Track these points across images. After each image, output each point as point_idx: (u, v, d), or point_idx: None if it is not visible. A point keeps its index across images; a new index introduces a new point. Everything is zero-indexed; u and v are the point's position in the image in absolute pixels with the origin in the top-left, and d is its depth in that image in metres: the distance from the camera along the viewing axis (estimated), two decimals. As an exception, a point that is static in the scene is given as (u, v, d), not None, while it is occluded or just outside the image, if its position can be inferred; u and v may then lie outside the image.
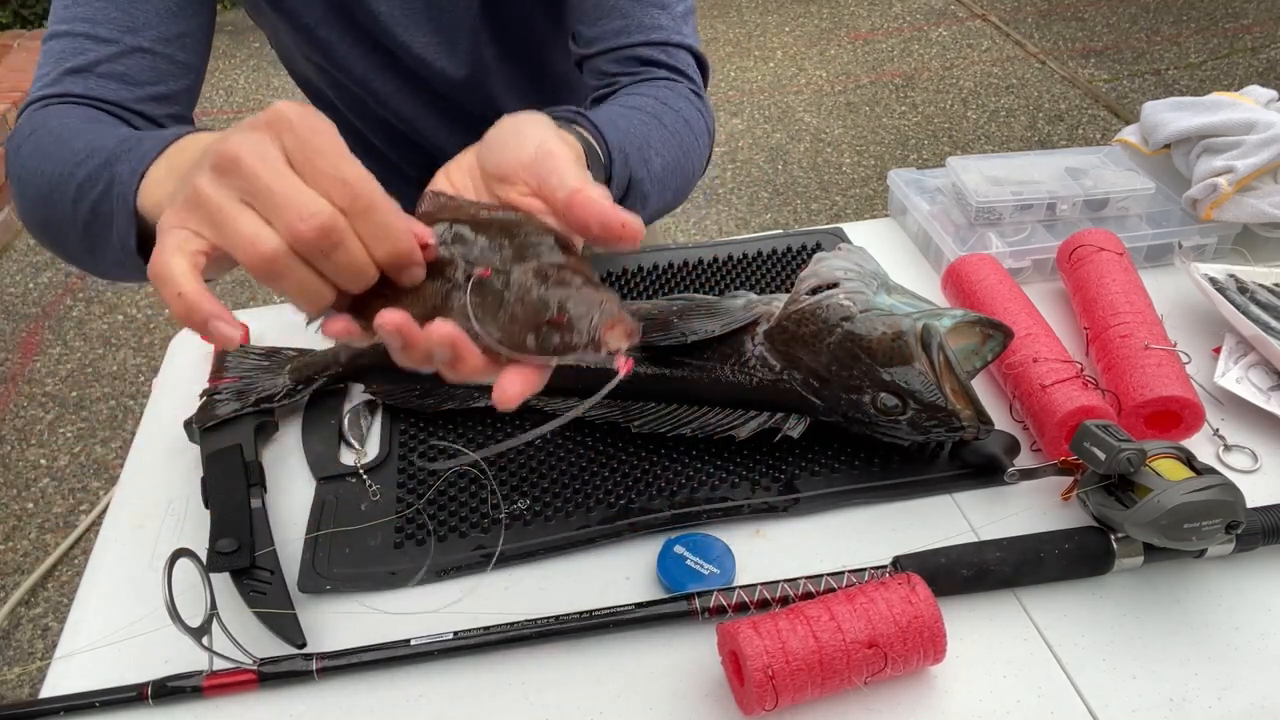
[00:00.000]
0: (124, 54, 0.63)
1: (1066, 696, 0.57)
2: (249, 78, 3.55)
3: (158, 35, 0.65)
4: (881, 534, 0.67)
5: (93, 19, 0.63)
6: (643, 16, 0.75)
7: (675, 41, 0.76)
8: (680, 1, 0.77)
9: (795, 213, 2.76)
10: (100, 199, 0.50)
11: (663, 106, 0.70)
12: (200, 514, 0.70)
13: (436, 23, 0.80)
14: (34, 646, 1.68)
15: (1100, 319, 0.79)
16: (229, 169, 0.38)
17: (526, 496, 0.70)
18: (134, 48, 0.64)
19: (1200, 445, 0.73)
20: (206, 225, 0.38)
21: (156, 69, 0.65)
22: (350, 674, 0.59)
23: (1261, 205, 0.90)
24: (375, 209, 0.39)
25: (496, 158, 0.48)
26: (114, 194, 0.49)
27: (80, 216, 0.52)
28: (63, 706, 0.58)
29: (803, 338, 0.69)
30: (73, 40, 0.63)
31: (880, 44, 3.71)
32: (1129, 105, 3.17)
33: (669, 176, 0.68)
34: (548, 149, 0.46)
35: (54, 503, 1.95)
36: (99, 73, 0.63)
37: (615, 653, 0.60)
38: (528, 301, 0.40)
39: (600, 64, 0.76)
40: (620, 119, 0.64)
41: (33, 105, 0.63)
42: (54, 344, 2.38)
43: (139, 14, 0.64)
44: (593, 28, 0.76)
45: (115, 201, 0.49)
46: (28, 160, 0.58)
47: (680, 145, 0.69)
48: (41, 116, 0.61)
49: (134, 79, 0.64)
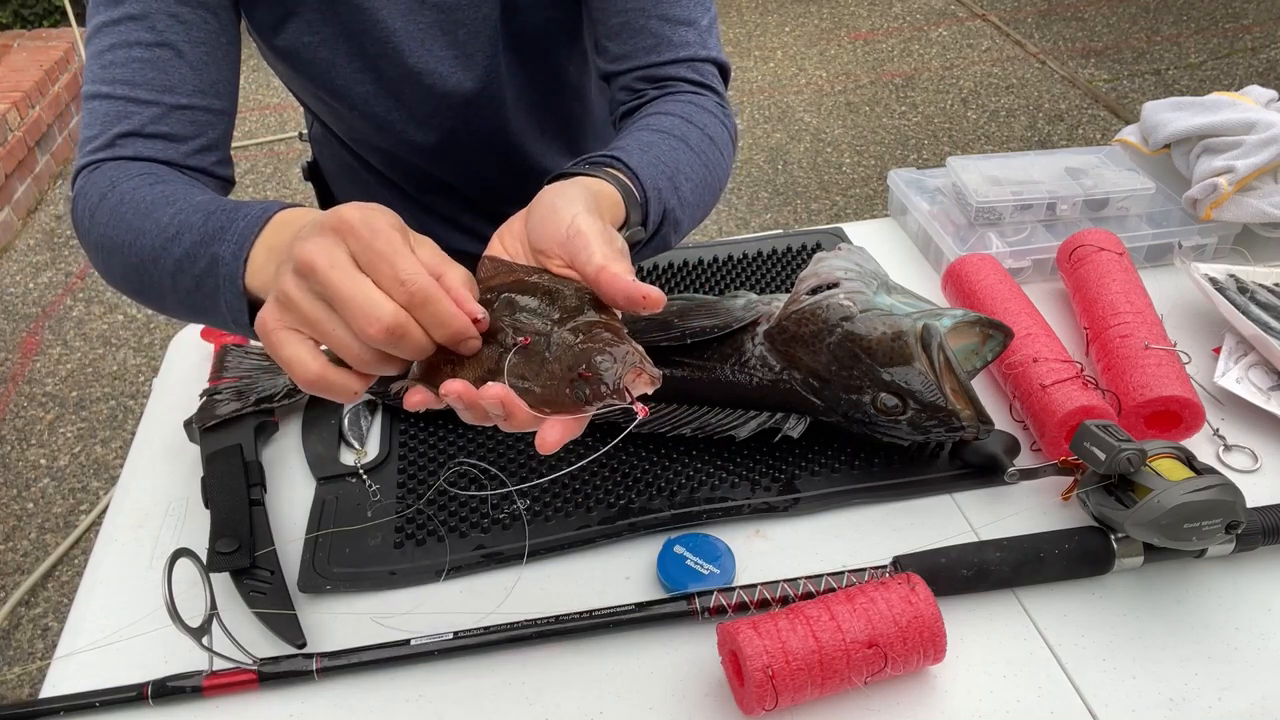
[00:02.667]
0: (165, 114, 0.67)
1: (1066, 696, 0.57)
2: (249, 78, 3.55)
3: (193, 89, 0.68)
4: (881, 534, 0.67)
5: (131, 81, 0.66)
6: (671, 35, 0.76)
7: (702, 57, 0.78)
8: (706, 14, 0.79)
9: (795, 213, 2.76)
10: (204, 275, 0.56)
11: (689, 126, 0.72)
12: (200, 514, 0.70)
13: (452, 37, 0.80)
14: (34, 646, 1.68)
15: (1100, 319, 0.79)
16: (306, 273, 0.45)
17: (526, 496, 0.70)
18: (173, 106, 0.67)
19: (1200, 445, 0.73)
20: (303, 325, 0.46)
21: (196, 122, 0.69)
22: (350, 674, 0.59)
23: (1261, 205, 0.90)
24: (431, 302, 0.45)
25: (536, 235, 0.54)
26: (220, 275, 0.55)
27: (182, 287, 0.58)
28: (63, 706, 0.58)
29: (803, 338, 0.69)
30: (114, 103, 0.66)
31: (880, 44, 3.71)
32: (1129, 105, 3.17)
33: (698, 198, 0.70)
34: (577, 228, 0.51)
35: (54, 503, 1.95)
36: (145, 134, 0.67)
37: (615, 653, 0.60)
38: (562, 360, 0.47)
39: (628, 81, 0.78)
40: (650, 148, 0.67)
41: (88, 168, 0.66)
42: (54, 344, 2.38)
43: (174, 72, 0.67)
44: (622, 45, 0.77)
45: (223, 282, 0.55)
46: (108, 229, 0.62)
47: (706, 164, 0.72)
48: (108, 179, 0.64)
49: (178, 136, 0.68)
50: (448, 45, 0.80)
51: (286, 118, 3.27)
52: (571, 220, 0.52)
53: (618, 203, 0.59)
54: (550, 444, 0.46)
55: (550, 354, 0.47)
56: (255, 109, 3.36)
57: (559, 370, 0.46)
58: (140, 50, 0.66)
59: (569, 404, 0.45)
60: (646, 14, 0.76)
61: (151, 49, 0.66)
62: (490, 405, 0.46)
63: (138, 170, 0.65)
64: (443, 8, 0.78)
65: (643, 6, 0.75)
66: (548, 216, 0.53)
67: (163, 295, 0.61)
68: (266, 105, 3.37)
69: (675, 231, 0.68)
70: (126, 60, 0.66)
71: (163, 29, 0.67)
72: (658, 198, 0.64)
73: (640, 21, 0.76)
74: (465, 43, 0.80)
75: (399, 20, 0.77)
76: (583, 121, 0.97)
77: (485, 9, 0.79)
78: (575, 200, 0.54)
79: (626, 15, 0.76)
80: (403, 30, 0.77)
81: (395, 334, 0.44)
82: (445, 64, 0.81)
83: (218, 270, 0.55)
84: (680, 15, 0.76)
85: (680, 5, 0.76)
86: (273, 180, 2.98)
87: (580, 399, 0.45)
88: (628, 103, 0.79)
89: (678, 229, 0.68)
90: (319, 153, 1.05)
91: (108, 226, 0.62)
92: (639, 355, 0.46)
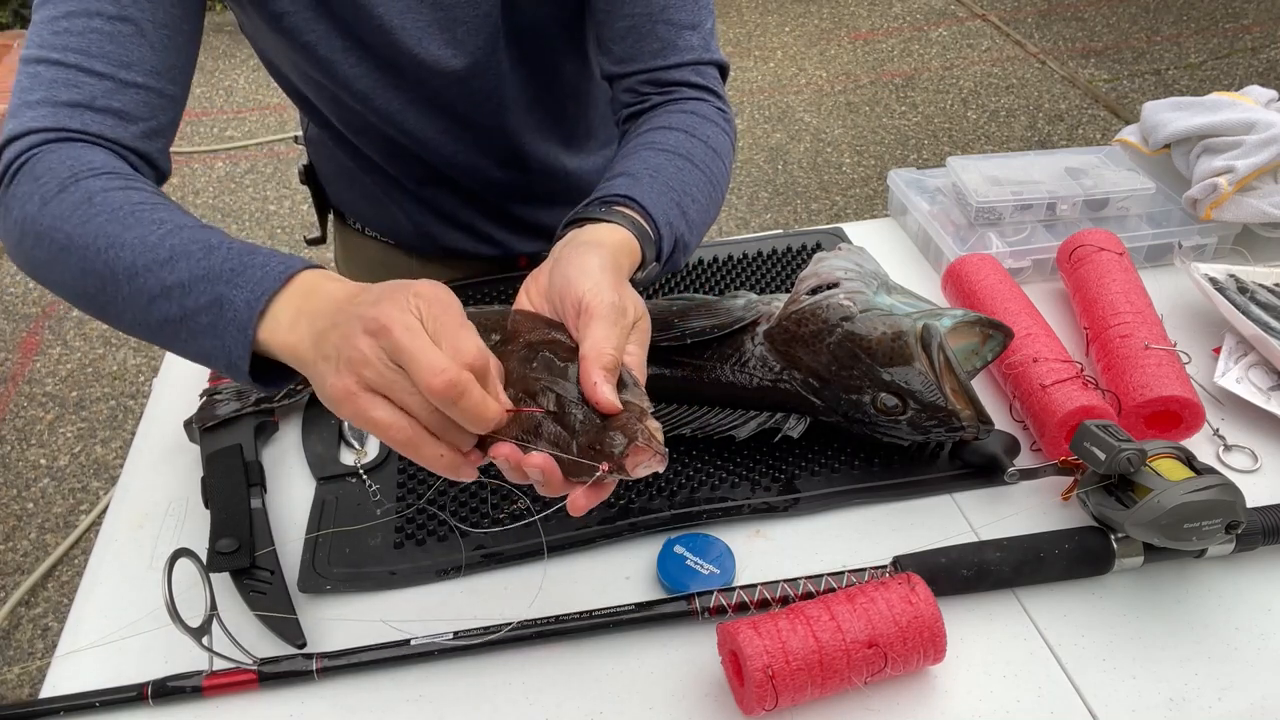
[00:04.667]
0: (119, 90, 0.64)
1: (1066, 696, 0.57)
2: (249, 78, 3.55)
3: (151, 69, 0.66)
4: (881, 534, 0.67)
5: (85, 51, 0.63)
6: (676, 39, 0.78)
7: (706, 60, 0.80)
8: (709, 17, 0.80)
9: (795, 213, 2.76)
10: (199, 311, 0.55)
11: (693, 141, 0.74)
12: (200, 514, 0.70)
13: (451, 34, 0.80)
14: (34, 646, 1.68)
15: (1100, 319, 0.79)
16: (379, 333, 0.48)
17: (526, 496, 0.70)
18: (128, 83, 0.64)
19: (1200, 445, 0.73)
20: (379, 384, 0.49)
21: (149, 104, 0.66)
22: (350, 674, 0.59)
23: (1261, 205, 0.90)
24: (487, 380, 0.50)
25: (557, 295, 0.57)
26: (225, 317, 0.54)
27: (160, 312, 0.57)
28: (63, 706, 0.58)
29: (803, 338, 0.69)
30: (64, 70, 0.63)
31: (880, 44, 3.71)
32: (1129, 105, 3.17)
33: (703, 217, 0.73)
34: (586, 306, 0.55)
35: (54, 503, 1.95)
36: (96, 107, 0.63)
37: (615, 653, 0.60)
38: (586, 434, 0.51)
39: (633, 84, 0.79)
40: (659, 173, 0.69)
41: (27, 136, 0.62)
42: (54, 344, 2.38)
43: (134, 49, 0.64)
44: (627, 48, 0.79)
45: (227, 325, 0.54)
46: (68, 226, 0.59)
47: (711, 180, 0.74)
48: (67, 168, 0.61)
49: (129, 115, 0.65)
50: (446, 43, 0.80)
51: (286, 118, 3.27)
52: (583, 295, 0.55)
53: (634, 250, 0.63)
54: (581, 509, 0.51)
55: (578, 426, 0.51)
56: (255, 109, 3.36)
57: (584, 443, 0.51)
58: (100, 21, 0.63)
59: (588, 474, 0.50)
60: (653, 19, 0.77)
61: (113, 21, 0.63)
62: (532, 472, 0.50)
63: (102, 164, 0.62)
64: (441, 5, 0.78)
65: (649, 11, 0.77)
66: (564, 289, 0.57)
67: (121, 310, 0.59)
68: (266, 105, 3.37)
69: (684, 254, 0.71)
70: (84, 30, 0.63)
71: (126, 3, 0.64)
72: (670, 231, 0.66)
73: (647, 26, 0.77)
74: (464, 40, 0.81)
75: (396, 18, 0.77)
76: (579, 118, 0.97)
77: (485, 6, 0.79)
78: (590, 272, 0.57)
79: (633, 20, 0.77)
80: (400, 27, 0.77)
81: (456, 388, 0.47)
82: (444, 60, 0.81)
83: (222, 312, 0.54)
84: (685, 20, 0.78)
85: (685, 10, 0.77)
86: (273, 180, 2.98)
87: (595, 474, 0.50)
88: (631, 105, 0.80)
89: (686, 251, 0.71)
90: (314, 155, 1.05)
91: (68, 223, 0.59)
92: (649, 434, 0.50)
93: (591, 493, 0.51)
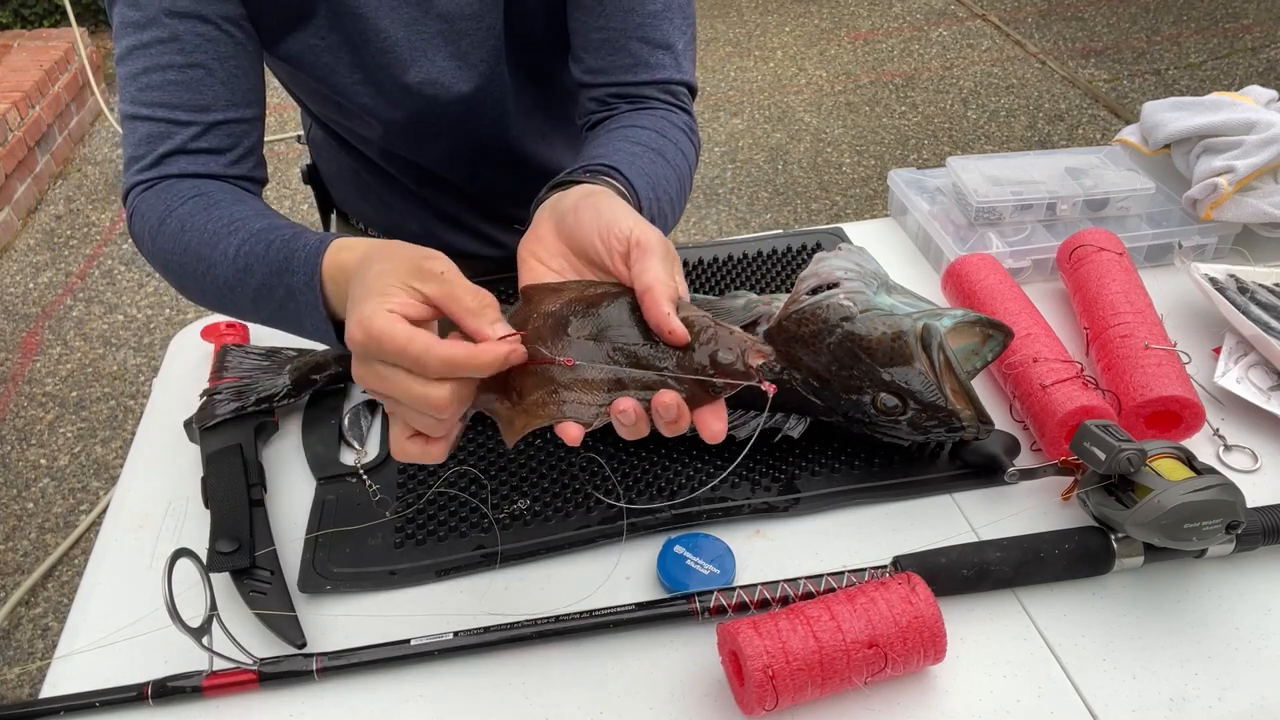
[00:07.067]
0: (204, 132, 0.71)
1: (1066, 696, 0.57)
2: (249, 78, 3.55)
3: (226, 103, 0.72)
4: (881, 534, 0.67)
5: (169, 103, 0.70)
6: (649, 57, 0.78)
7: (676, 80, 0.80)
8: (683, 37, 0.80)
9: (795, 213, 2.76)
10: (284, 302, 0.62)
11: (664, 141, 0.74)
12: (200, 514, 0.70)
13: (455, 47, 0.80)
14: (34, 646, 1.68)
15: (1100, 319, 0.79)
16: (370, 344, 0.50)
17: (526, 496, 0.70)
18: (211, 124, 0.71)
19: (1200, 445, 0.73)
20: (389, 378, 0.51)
21: (233, 134, 0.73)
22: (350, 674, 0.59)
23: (1261, 205, 0.90)
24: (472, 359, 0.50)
25: (596, 237, 0.56)
26: (300, 303, 0.61)
27: (265, 310, 0.65)
28: (63, 706, 0.58)
29: (803, 338, 0.69)
30: (156, 125, 0.70)
31: (880, 44, 3.71)
32: (1129, 105, 3.17)
33: (672, 211, 0.74)
34: (638, 241, 0.54)
35: (54, 503, 1.95)
36: (189, 150, 0.71)
37: (615, 653, 0.60)
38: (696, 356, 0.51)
39: (602, 95, 0.80)
40: (635, 159, 0.69)
41: (139, 187, 0.71)
42: (54, 344, 2.38)
43: (207, 91, 0.71)
44: (599, 60, 0.79)
45: (304, 309, 0.61)
46: (175, 255, 0.68)
47: (679, 177, 0.75)
48: (162, 202, 0.69)
49: (219, 149, 0.72)
50: (450, 56, 0.81)
51: (286, 118, 3.27)
52: (631, 229, 0.55)
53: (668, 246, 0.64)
54: (718, 433, 0.51)
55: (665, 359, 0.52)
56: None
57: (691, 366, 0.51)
58: (174, 73, 0.69)
59: (708, 396, 0.51)
60: (628, 35, 0.77)
61: (184, 70, 0.70)
62: (665, 411, 0.50)
63: (188, 192, 0.69)
64: (446, 18, 0.78)
65: (624, 27, 0.77)
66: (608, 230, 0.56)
67: (245, 314, 0.68)
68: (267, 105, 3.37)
69: None
70: (162, 83, 0.70)
71: (192, 50, 0.69)
72: (650, 208, 0.67)
73: (620, 41, 0.78)
74: (468, 53, 0.81)
75: (401, 31, 0.77)
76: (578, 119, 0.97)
77: (489, 19, 0.80)
78: (630, 211, 0.57)
79: (608, 33, 0.77)
80: (405, 41, 0.78)
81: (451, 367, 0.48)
82: (448, 74, 0.81)
83: (296, 299, 0.61)
84: (659, 39, 0.78)
85: (660, 29, 0.78)
86: (273, 180, 2.98)
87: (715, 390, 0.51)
88: (597, 113, 0.80)
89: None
90: (317, 156, 1.05)
91: (174, 253, 0.68)
92: (744, 335, 0.51)
93: (718, 414, 0.51)
